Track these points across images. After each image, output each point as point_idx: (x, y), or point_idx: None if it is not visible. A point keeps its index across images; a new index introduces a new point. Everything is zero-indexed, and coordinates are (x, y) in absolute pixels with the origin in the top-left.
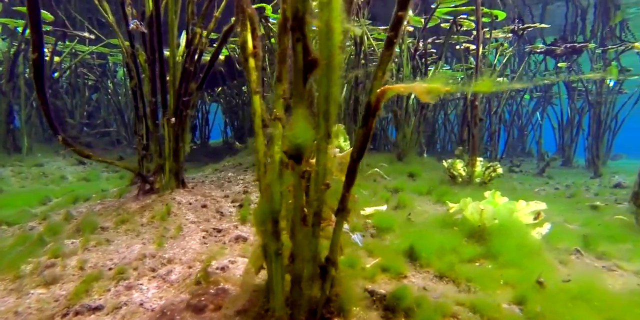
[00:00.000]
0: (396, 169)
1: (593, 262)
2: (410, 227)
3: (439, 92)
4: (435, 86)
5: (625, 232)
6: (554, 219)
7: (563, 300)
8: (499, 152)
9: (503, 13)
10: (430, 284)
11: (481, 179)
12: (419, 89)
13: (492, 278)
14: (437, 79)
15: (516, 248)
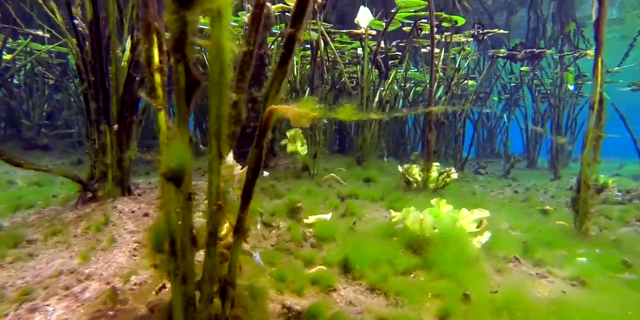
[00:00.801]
0: (354, 174)
1: (529, 270)
2: (352, 236)
3: (309, 117)
4: (305, 111)
5: (563, 238)
6: (501, 226)
7: (487, 312)
8: (464, 154)
9: (462, 19)
10: (360, 297)
11: (435, 184)
12: (292, 113)
13: (422, 291)
14: (307, 103)
15: (453, 258)
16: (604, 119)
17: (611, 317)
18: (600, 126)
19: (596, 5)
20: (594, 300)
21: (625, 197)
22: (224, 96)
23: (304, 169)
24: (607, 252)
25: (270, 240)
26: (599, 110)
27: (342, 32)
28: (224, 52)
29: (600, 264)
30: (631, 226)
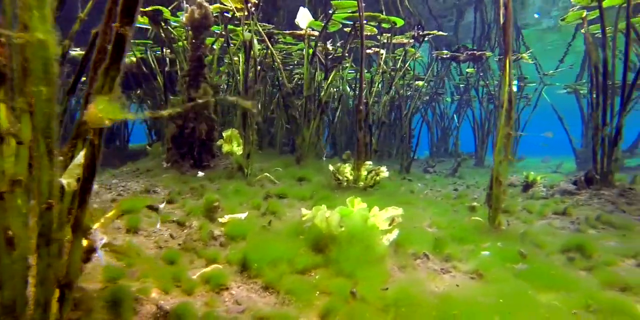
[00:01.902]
0: (289, 173)
1: (435, 266)
2: (262, 235)
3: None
4: (102, 112)
5: (475, 233)
6: (422, 223)
7: (373, 309)
8: (411, 153)
9: (401, 20)
10: (251, 295)
11: (364, 183)
12: (92, 113)
13: (314, 289)
14: (100, 102)
15: (356, 257)
16: (513, 117)
17: (484, 306)
18: (510, 124)
19: (502, 9)
20: (479, 292)
21: (549, 192)
22: (50, 92)
23: (239, 169)
24: (508, 244)
25: (179, 239)
26: (508, 109)
27: (285, 33)
28: (47, 45)
29: (500, 257)
30: (547, 219)
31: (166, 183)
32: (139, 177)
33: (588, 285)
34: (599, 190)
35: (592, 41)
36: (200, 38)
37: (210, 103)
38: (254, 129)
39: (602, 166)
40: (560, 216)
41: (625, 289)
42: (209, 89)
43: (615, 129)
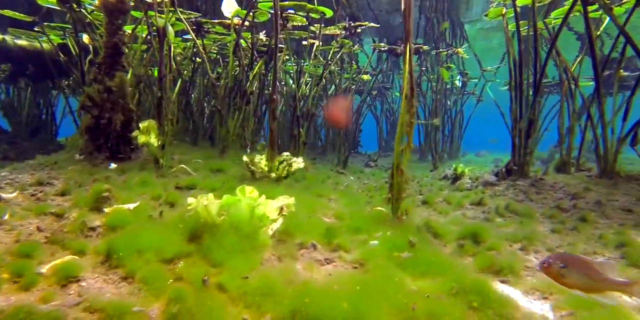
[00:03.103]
0: (208, 165)
1: (319, 255)
2: (145, 225)
3: None
4: None
5: (373, 223)
6: (324, 213)
7: (225, 298)
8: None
9: (330, 11)
10: (104, 286)
11: (275, 174)
12: None
13: (169, 278)
14: None
15: (231, 245)
16: (415, 105)
17: (338, 293)
18: (412, 112)
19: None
20: (347, 280)
21: (474, 184)
22: None
23: (155, 161)
24: (402, 234)
25: (47, 232)
26: (409, 96)
27: (213, 22)
28: None
29: (389, 246)
30: (463, 209)
31: (70, 175)
32: (43, 170)
33: (462, 270)
34: (515, 181)
35: (510, 37)
36: (117, 23)
37: (127, 93)
38: (170, 119)
39: (520, 158)
40: (476, 206)
41: (499, 271)
42: (126, 78)
43: (527, 122)
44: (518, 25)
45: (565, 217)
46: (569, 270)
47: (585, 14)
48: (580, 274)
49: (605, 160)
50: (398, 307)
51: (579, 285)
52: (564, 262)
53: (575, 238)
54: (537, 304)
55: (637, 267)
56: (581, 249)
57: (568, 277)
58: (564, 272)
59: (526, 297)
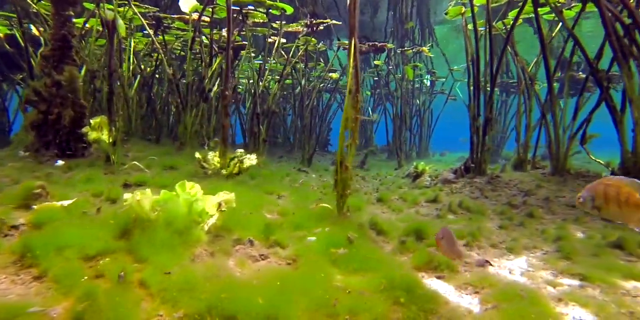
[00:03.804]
0: (163, 162)
1: (254, 251)
2: (74, 221)
3: None
4: None
5: (316, 220)
6: (269, 209)
7: (140, 294)
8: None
9: (290, 8)
10: (11, 287)
11: (226, 171)
12: None
13: (83, 275)
14: None
15: (161, 241)
16: (360, 101)
17: (257, 289)
18: (357, 108)
19: None
20: (273, 276)
21: (433, 181)
22: None
23: (107, 158)
24: (340, 230)
25: None
26: (354, 92)
27: (173, 18)
28: None
29: (326, 242)
30: (418, 207)
31: (7, 172)
32: None
33: (396, 267)
34: (472, 178)
35: (469, 35)
36: (65, 15)
37: (78, 87)
38: (121, 115)
39: (477, 156)
40: (430, 203)
41: (436, 267)
42: (76, 72)
43: (483, 120)
44: (475, 24)
45: (514, 214)
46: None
47: (536, 16)
48: (613, 203)
49: (557, 158)
50: (319, 303)
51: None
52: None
53: (520, 233)
54: (468, 299)
55: (569, 259)
56: (523, 244)
57: (604, 209)
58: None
59: (458, 291)
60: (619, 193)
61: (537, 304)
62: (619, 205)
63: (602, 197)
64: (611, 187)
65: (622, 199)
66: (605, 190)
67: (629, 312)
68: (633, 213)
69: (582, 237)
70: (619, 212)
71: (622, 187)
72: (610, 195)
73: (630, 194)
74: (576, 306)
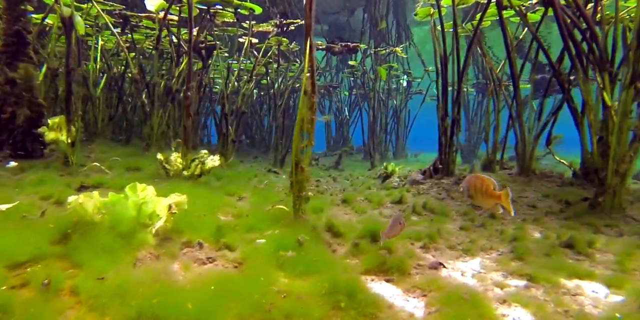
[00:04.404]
0: (127, 163)
1: (202, 254)
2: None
3: None
4: None
5: (270, 222)
6: (224, 211)
7: (65, 302)
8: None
9: (259, 8)
10: None
11: (187, 172)
12: None
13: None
14: None
15: (101, 245)
16: (315, 102)
17: (190, 293)
18: (313, 109)
19: None
20: (209, 280)
21: (402, 182)
22: None
23: (65, 159)
24: (292, 232)
25: None
26: (310, 93)
27: (140, 16)
28: None
29: (276, 244)
30: (382, 208)
31: None
32: None
33: (342, 270)
34: (440, 179)
35: (437, 36)
36: (18, 9)
37: (34, 86)
38: (79, 115)
39: (445, 156)
40: (395, 205)
41: (387, 270)
42: (32, 70)
43: (450, 121)
44: (442, 25)
45: (477, 215)
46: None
47: (501, 19)
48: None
49: (523, 159)
50: (253, 307)
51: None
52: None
53: (480, 235)
54: (414, 302)
55: (521, 260)
56: (480, 245)
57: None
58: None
59: (406, 295)
60: (483, 185)
61: (479, 306)
62: (482, 195)
63: (473, 188)
64: (479, 180)
65: (484, 190)
66: (475, 183)
67: (564, 310)
68: (489, 200)
69: (539, 237)
70: (482, 200)
71: (484, 181)
72: (478, 187)
73: (488, 186)
74: (518, 307)
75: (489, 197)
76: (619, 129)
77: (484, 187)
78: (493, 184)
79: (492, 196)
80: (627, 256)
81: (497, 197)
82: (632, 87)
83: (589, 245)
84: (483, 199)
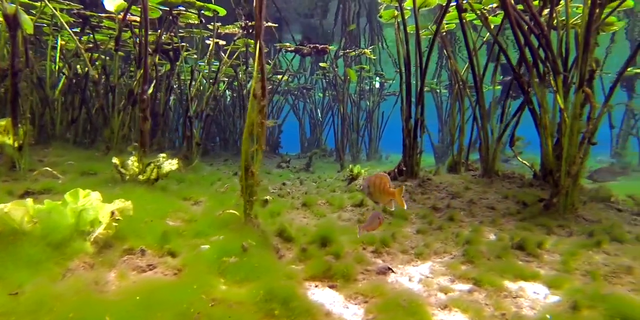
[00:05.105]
0: (83, 167)
1: (142, 262)
2: None
3: None
4: None
5: (219, 227)
6: (173, 216)
7: None
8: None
9: (223, 9)
10: None
11: (142, 177)
12: None
13: None
14: None
15: (28, 255)
16: (265, 105)
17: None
18: (263, 113)
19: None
20: (139, 289)
21: None
22: None
23: (12, 164)
24: (239, 238)
25: None
26: (260, 97)
27: (101, 16)
28: None
29: (220, 250)
30: (341, 212)
31: None
32: None
33: (285, 276)
34: (404, 181)
35: (401, 38)
36: None
37: None
38: (28, 118)
39: (409, 158)
40: (356, 208)
41: (331, 276)
42: None
43: (413, 123)
44: (405, 27)
45: (436, 217)
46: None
47: (461, 21)
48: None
49: (486, 161)
50: (180, 317)
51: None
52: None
53: (436, 238)
54: (353, 309)
55: (471, 263)
56: (434, 249)
57: (373, 194)
58: (371, 191)
59: (347, 301)
60: (381, 183)
61: (417, 313)
62: (380, 192)
63: (373, 186)
64: (377, 179)
65: (382, 187)
66: (374, 181)
67: (501, 314)
68: (386, 197)
69: (493, 239)
70: (380, 196)
71: (382, 179)
72: (377, 185)
73: (385, 184)
74: (458, 312)
75: (385, 194)
76: (570, 131)
77: (382, 185)
78: (389, 182)
79: (388, 193)
80: (571, 256)
81: (392, 194)
82: (580, 91)
83: (539, 246)
84: (380, 195)
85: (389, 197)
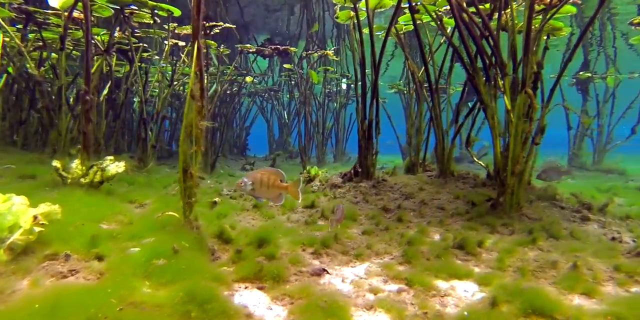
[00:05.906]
0: (23, 171)
1: (64, 268)
2: None
3: None
4: None
5: (155, 229)
6: (111, 220)
7: None
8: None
9: (178, 10)
10: None
11: (84, 180)
12: None
13: None
14: None
15: None
16: (205, 107)
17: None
18: (202, 114)
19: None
20: (43, 297)
21: (323, 186)
22: None
23: None
24: (172, 240)
25: None
26: (199, 97)
27: (47, 13)
28: None
29: (150, 253)
30: (291, 213)
31: None
32: None
33: (214, 278)
34: (359, 182)
35: (356, 38)
36: None
37: None
38: None
39: (364, 160)
40: (307, 209)
41: (261, 278)
42: None
43: (367, 123)
44: (360, 28)
45: (385, 218)
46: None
47: (414, 23)
48: (264, 186)
49: (442, 161)
50: None
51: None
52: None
53: (380, 239)
54: (277, 310)
55: (409, 263)
56: (376, 250)
57: (257, 190)
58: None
59: (272, 303)
60: (269, 179)
61: (337, 314)
62: (267, 187)
63: (258, 182)
64: (264, 175)
65: (270, 183)
66: (260, 177)
67: (424, 313)
68: (275, 192)
69: (437, 239)
70: (268, 192)
71: (270, 175)
72: (263, 181)
73: (275, 179)
74: (381, 312)
75: (275, 189)
76: (515, 131)
77: (270, 180)
78: (281, 177)
79: (280, 187)
80: (507, 253)
81: (284, 188)
82: (523, 92)
83: (479, 245)
84: (268, 191)
85: (278, 191)
